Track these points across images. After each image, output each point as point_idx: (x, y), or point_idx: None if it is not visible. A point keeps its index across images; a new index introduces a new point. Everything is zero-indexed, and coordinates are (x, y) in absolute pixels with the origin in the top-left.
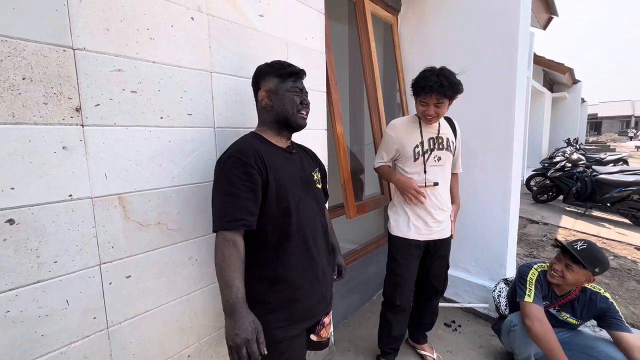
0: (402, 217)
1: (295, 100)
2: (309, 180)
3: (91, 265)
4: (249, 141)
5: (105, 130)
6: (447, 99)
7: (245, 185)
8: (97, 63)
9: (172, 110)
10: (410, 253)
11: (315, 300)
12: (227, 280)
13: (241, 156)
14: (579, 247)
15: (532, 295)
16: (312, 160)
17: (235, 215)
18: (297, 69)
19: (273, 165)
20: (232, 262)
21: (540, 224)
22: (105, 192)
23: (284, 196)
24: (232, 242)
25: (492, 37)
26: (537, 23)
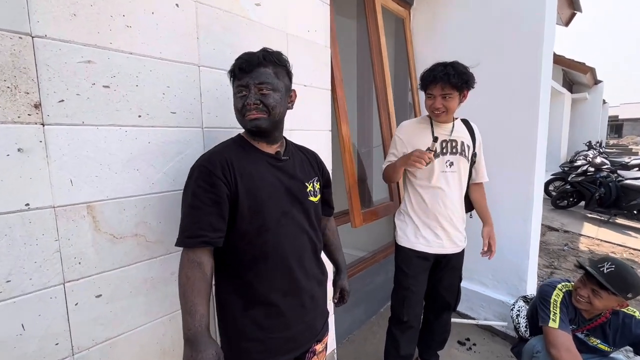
0: (409, 227)
1: (236, 104)
2: (299, 192)
3: (53, 284)
4: (226, 147)
5: (71, 130)
6: (455, 91)
7: (209, 197)
8: (61, 53)
9: (152, 108)
10: (418, 265)
11: (299, 329)
12: (189, 306)
13: (208, 165)
14: (605, 270)
15: (558, 320)
16: (313, 167)
17: (195, 232)
18: (240, 63)
19: (248, 174)
20: (195, 285)
21: (560, 231)
22: (70, 201)
23: (259, 211)
24: (197, 263)
25: (514, 32)
26: (559, 19)
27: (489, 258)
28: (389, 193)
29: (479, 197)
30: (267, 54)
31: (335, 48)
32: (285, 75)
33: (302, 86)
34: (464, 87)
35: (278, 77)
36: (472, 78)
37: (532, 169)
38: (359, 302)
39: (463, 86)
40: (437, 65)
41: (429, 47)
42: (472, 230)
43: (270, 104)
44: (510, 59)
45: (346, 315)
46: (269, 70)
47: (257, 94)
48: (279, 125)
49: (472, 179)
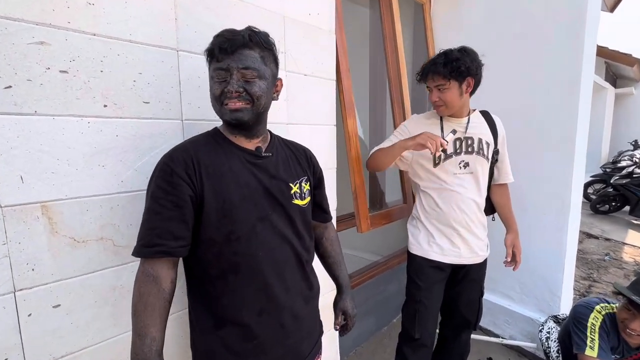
0: (422, 233)
1: (213, 91)
2: (280, 194)
3: (1, 293)
4: (194, 141)
5: (21, 121)
6: (447, 81)
7: (169, 200)
8: (7, 33)
9: (120, 97)
10: (431, 275)
11: (278, 354)
12: (140, 327)
13: (169, 162)
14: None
15: (596, 348)
16: (301, 164)
17: (152, 240)
18: (220, 41)
19: (216, 173)
20: (148, 303)
21: (600, 239)
22: (21, 200)
23: (228, 216)
24: (153, 277)
25: (551, 17)
26: (604, 4)
27: (513, 269)
28: (402, 195)
29: (503, 200)
30: (253, 33)
31: (342, 34)
32: (272, 60)
33: (302, 75)
34: (458, 75)
35: (265, 63)
36: (473, 65)
37: (569, 169)
38: (369, 312)
39: (457, 74)
40: (434, 57)
41: (451, 34)
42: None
43: (255, 92)
44: (546, 48)
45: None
46: (255, 53)
47: (239, 80)
48: (262, 118)
49: (494, 179)
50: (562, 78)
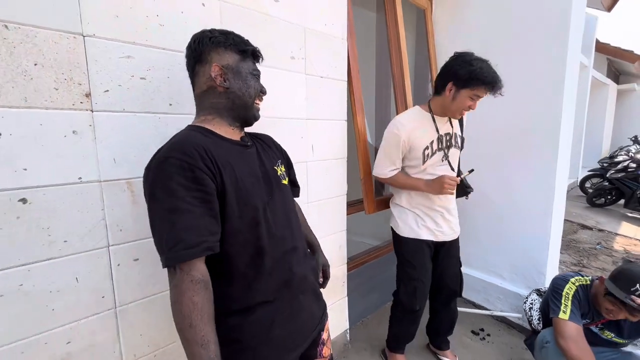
0: (411, 217)
1: (257, 87)
2: (273, 177)
3: (100, 247)
4: (190, 135)
5: (114, 116)
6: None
7: (196, 196)
8: (106, 50)
9: (182, 98)
10: (424, 254)
11: (303, 318)
12: (200, 338)
13: (184, 157)
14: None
15: (569, 312)
16: (273, 150)
17: (192, 240)
18: (256, 50)
19: (227, 164)
20: (204, 311)
21: (594, 230)
22: (113, 177)
23: (248, 204)
24: (203, 283)
25: (539, 22)
26: (600, 4)
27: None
28: None
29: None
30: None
31: (353, 40)
32: None
33: (319, 77)
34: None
35: None
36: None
37: (554, 159)
38: (374, 289)
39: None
40: (488, 68)
41: (450, 38)
42: (485, 221)
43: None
44: (534, 47)
45: (361, 299)
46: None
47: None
48: None
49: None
50: (548, 77)
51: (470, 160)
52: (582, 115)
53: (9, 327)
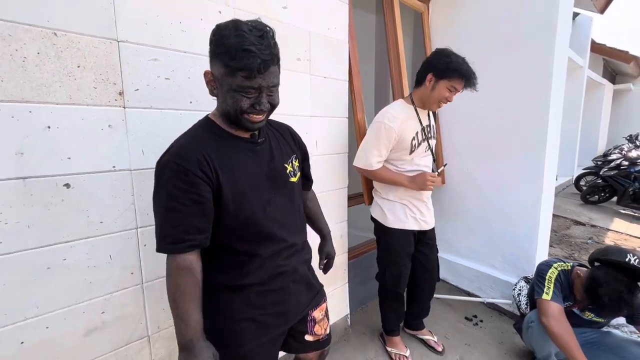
0: (399, 209)
1: (240, 104)
2: (279, 176)
3: (130, 228)
4: (196, 136)
5: (143, 112)
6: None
7: (189, 197)
8: (137, 53)
9: (200, 95)
10: (409, 243)
11: (290, 303)
12: (182, 314)
13: (181, 162)
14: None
15: (551, 293)
16: (289, 143)
17: (180, 236)
18: (252, 63)
19: (227, 166)
20: (187, 291)
21: (587, 225)
22: (142, 166)
23: (242, 205)
24: (187, 269)
25: (528, 25)
26: (593, 6)
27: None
28: None
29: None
30: (275, 47)
31: (354, 43)
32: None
33: (322, 77)
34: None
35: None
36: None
37: (542, 155)
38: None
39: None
40: (464, 62)
41: (446, 40)
42: (478, 213)
43: (276, 103)
44: (523, 47)
45: (362, 287)
46: (277, 68)
47: (265, 97)
48: None
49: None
50: (536, 75)
51: (464, 155)
52: (578, 114)
53: (54, 296)
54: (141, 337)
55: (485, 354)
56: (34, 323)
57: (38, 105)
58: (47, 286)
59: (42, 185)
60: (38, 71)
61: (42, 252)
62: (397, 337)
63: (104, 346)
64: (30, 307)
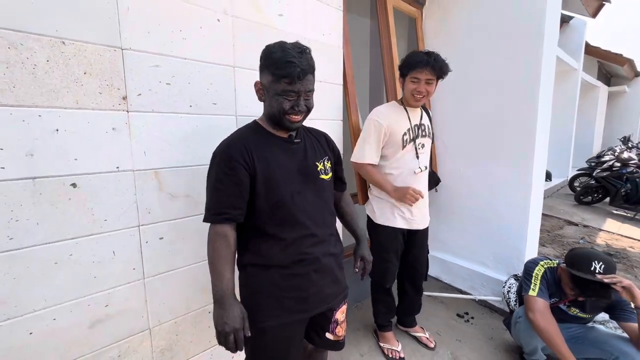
0: (387, 207)
1: (283, 106)
2: (310, 172)
3: (132, 226)
4: (244, 133)
5: (145, 116)
6: (435, 78)
7: (230, 180)
8: (139, 60)
9: (199, 100)
10: (397, 240)
11: (311, 292)
12: (218, 272)
13: (228, 150)
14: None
15: (537, 290)
16: (323, 147)
17: (219, 210)
18: (293, 71)
19: (264, 158)
20: (222, 254)
21: (579, 226)
22: (144, 167)
23: (274, 190)
24: (223, 236)
25: (516, 24)
26: (585, 11)
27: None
28: None
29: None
30: (312, 59)
31: (348, 48)
32: None
33: (318, 82)
34: (441, 75)
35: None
36: (449, 67)
37: (530, 157)
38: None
39: (441, 75)
40: (419, 52)
41: (439, 44)
42: (470, 213)
43: (311, 106)
44: (512, 51)
45: (357, 285)
46: (312, 77)
47: (303, 100)
48: None
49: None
50: (524, 84)
51: (457, 156)
52: (572, 116)
53: (61, 289)
54: (142, 329)
55: (475, 349)
56: (42, 315)
57: (47, 109)
58: (54, 280)
59: (51, 185)
60: (47, 78)
61: (50, 248)
62: (390, 333)
63: (107, 338)
64: (39, 299)
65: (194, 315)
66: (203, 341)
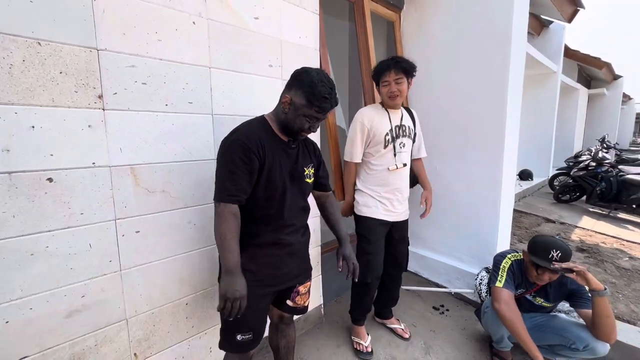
0: (370, 199)
1: (303, 125)
2: (298, 175)
3: (108, 219)
4: (257, 128)
5: (121, 114)
6: (404, 75)
7: (246, 167)
8: (115, 60)
9: (175, 99)
10: (379, 232)
11: (283, 271)
12: (229, 246)
13: (247, 142)
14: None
15: (503, 281)
16: (310, 154)
17: (233, 192)
18: (327, 106)
19: (271, 155)
20: (233, 230)
21: (556, 223)
22: (120, 163)
23: (272, 184)
24: (234, 215)
25: (486, 28)
26: (561, 16)
27: (422, 217)
28: None
29: (420, 169)
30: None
31: (324, 50)
32: None
33: None
34: (410, 72)
35: None
36: (415, 68)
37: (500, 156)
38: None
39: (410, 72)
40: (384, 60)
41: (417, 47)
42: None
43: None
44: (482, 54)
45: (336, 280)
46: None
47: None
48: None
49: (413, 155)
50: (493, 84)
51: (433, 154)
52: (552, 118)
53: (37, 280)
54: (119, 319)
55: (448, 339)
56: (18, 304)
57: (23, 107)
58: (30, 271)
59: (27, 179)
60: (23, 77)
61: (26, 240)
62: (362, 327)
63: (83, 327)
64: (15, 289)
65: (171, 307)
66: (181, 331)
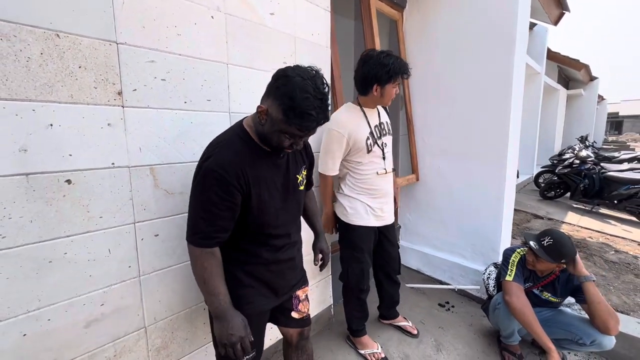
0: (359, 206)
1: (283, 144)
2: (291, 185)
3: (128, 223)
4: (235, 147)
5: (140, 111)
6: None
7: (224, 204)
8: (135, 55)
9: (194, 96)
10: (371, 239)
11: (281, 284)
12: (212, 290)
13: (224, 174)
14: (545, 244)
15: (513, 275)
16: (302, 155)
17: (211, 234)
18: (310, 125)
19: (256, 178)
20: (213, 271)
21: (545, 219)
22: (140, 163)
23: (264, 211)
24: (211, 253)
25: (490, 30)
26: (548, 19)
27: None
28: None
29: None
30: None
31: (335, 48)
32: None
33: None
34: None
35: None
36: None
37: (504, 154)
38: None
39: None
40: (392, 55)
41: (419, 45)
42: (449, 208)
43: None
44: (486, 54)
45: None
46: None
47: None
48: None
49: None
50: (497, 86)
51: (436, 155)
52: (536, 117)
53: (56, 289)
54: (138, 328)
55: (457, 335)
56: (36, 315)
57: (41, 103)
58: (48, 279)
59: (45, 181)
60: (41, 71)
61: (44, 246)
62: (366, 337)
63: (102, 337)
64: (33, 300)
65: (190, 312)
66: (198, 338)
